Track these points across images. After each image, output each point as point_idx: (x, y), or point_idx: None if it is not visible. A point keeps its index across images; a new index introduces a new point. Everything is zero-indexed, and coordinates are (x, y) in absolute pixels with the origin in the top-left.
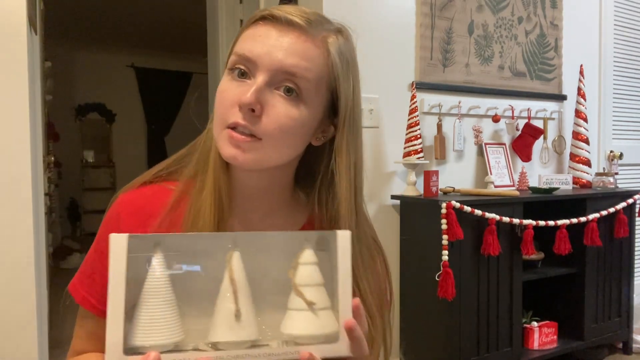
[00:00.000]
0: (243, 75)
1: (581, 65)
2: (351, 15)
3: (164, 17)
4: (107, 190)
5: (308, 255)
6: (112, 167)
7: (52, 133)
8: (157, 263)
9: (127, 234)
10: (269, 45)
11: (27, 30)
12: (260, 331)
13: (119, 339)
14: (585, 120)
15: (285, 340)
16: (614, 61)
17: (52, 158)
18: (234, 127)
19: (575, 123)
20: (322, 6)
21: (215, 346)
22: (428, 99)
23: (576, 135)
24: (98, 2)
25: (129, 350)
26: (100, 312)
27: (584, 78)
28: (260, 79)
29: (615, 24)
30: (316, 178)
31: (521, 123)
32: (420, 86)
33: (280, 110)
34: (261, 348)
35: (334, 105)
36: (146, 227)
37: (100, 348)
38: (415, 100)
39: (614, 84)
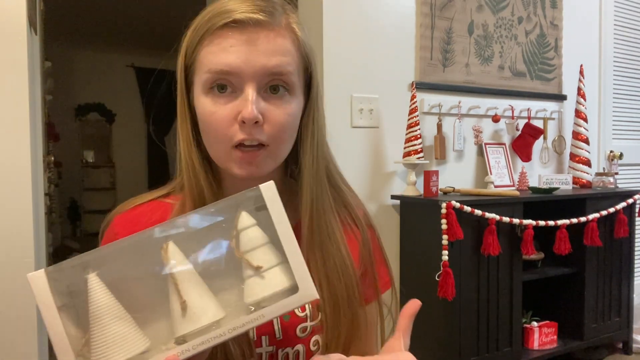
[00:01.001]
0: (223, 88)
1: (581, 65)
2: (351, 15)
3: (164, 17)
4: (107, 190)
5: (244, 219)
6: (112, 167)
7: (52, 133)
8: (93, 284)
9: (42, 270)
10: (245, 53)
11: (27, 30)
12: (226, 311)
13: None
14: (585, 120)
15: (251, 310)
16: (614, 61)
17: (52, 158)
18: (240, 144)
19: (575, 123)
20: (322, 6)
21: (183, 341)
22: (428, 99)
23: (576, 135)
24: (98, 2)
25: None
26: None
27: (584, 78)
28: (250, 90)
29: (615, 24)
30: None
31: (521, 123)
32: (420, 86)
33: (279, 112)
34: (224, 325)
35: (308, 84)
36: None
37: None
38: (415, 100)
39: (614, 84)
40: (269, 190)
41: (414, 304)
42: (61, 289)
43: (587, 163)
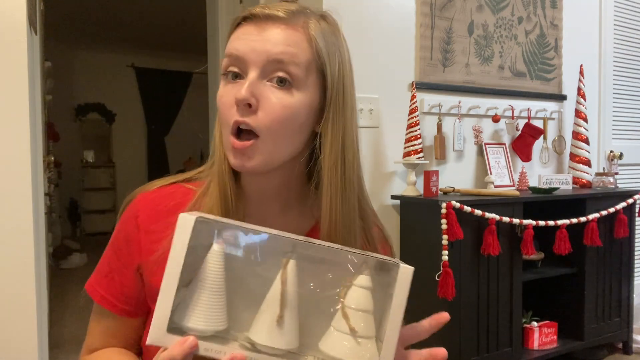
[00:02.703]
0: (237, 77)
1: (581, 65)
2: (351, 15)
3: (164, 17)
4: (107, 190)
5: (363, 279)
6: (112, 167)
7: (52, 133)
8: (216, 250)
9: (195, 216)
10: (253, 41)
11: (27, 30)
12: (300, 342)
13: (165, 316)
14: (585, 120)
15: (321, 358)
16: (614, 61)
17: (52, 158)
18: (236, 131)
19: (575, 123)
20: (322, 7)
21: (252, 344)
22: (428, 99)
23: (576, 135)
24: (98, 2)
25: (172, 328)
26: (120, 311)
27: (584, 78)
28: (252, 74)
29: (615, 24)
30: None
31: (521, 123)
32: (420, 86)
33: (275, 101)
34: (290, 358)
35: (325, 87)
36: (165, 226)
37: (117, 345)
38: (415, 100)
39: (614, 84)
40: (406, 274)
41: (444, 317)
42: (193, 238)
43: (587, 163)
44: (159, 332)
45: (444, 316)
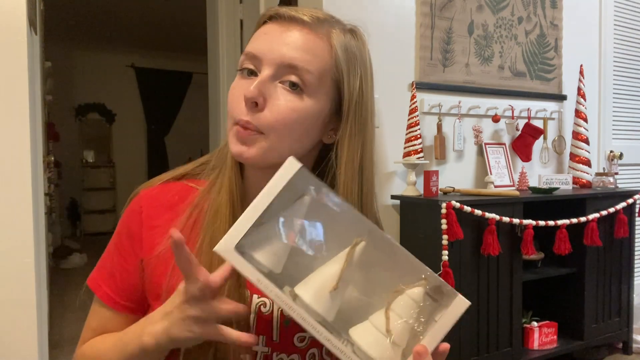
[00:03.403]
0: (251, 73)
1: (581, 65)
2: (351, 15)
3: (164, 17)
4: (107, 190)
5: (417, 292)
6: (112, 167)
7: (52, 133)
8: (305, 202)
9: (300, 165)
10: (272, 41)
11: (27, 30)
12: (335, 317)
13: (238, 235)
14: (585, 120)
15: (349, 341)
16: (614, 61)
17: (52, 158)
18: (240, 124)
19: (575, 123)
20: (322, 6)
21: (293, 296)
22: (428, 99)
23: (576, 135)
24: (98, 2)
25: (240, 249)
26: (121, 307)
27: (584, 78)
28: (264, 73)
29: (615, 24)
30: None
31: (521, 123)
32: (420, 86)
33: (283, 103)
34: (325, 331)
35: (341, 100)
36: (168, 220)
37: None
38: (415, 100)
39: (614, 84)
40: (459, 306)
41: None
42: (291, 182)
43: (587, 163)
44: (227, 245)
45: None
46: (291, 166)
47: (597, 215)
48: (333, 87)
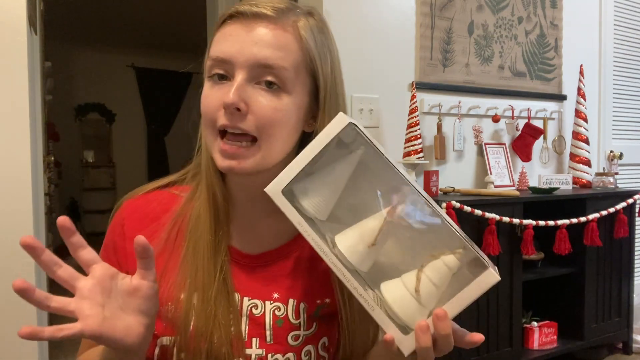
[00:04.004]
0: (222, 78)
1: (581, 65)
2: (351, 15)
3: (164, 17)
4: (107, 190)
5: (452, 259)
6: (112, 167)
7: (52, 133)
8: (355, 157)
9: (349, 120)
10: (240, 42)
11: (27, 30)
12: (369, 270)
13: (287, 179)
14: (585, 120)
15: (377, 295)
16: (614, 61)
17: (52, 158)
18: (223, 133)
19: (575, 123)
20: (322, 6)
21: (332, 244)
22: (428, 99)
23: (576, 135)
24: (98, 2)
25: (286, 191)
26: None
27: (584, 78)
28: (239, 77)
29: (615, 24)
30: None
31: (521, 123)
32: (420, 86)
33: (265, 105)
34: (354, 280)
35: (317, 88)
36: (152, 232)
37: None
38: (415, 100)
39: (614, 84)
40: (488, 278)
41: (477, 338)
42: (340, 135)
43: (587, 163)
44: (276, 188)
45: (479, 338)
46: (340, 121)
47: (597, 215)
48: (308, 77)
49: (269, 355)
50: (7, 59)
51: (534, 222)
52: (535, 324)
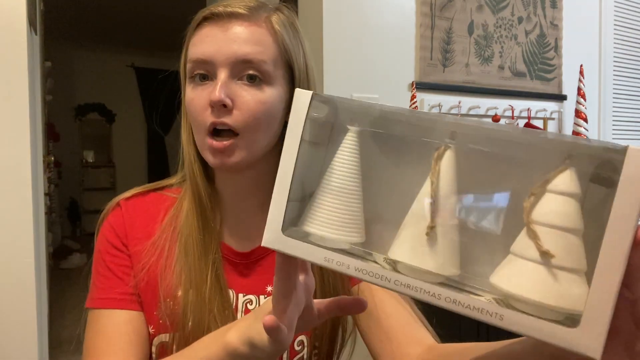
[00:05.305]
0: (204, 78)
1: (581, 65)
2: (351, 15)
3: (164, 17)
4: (107, 190)
5: (566, 180)
6: (112, 167)
7: (52, 133)
8: (350, 141)
9: (311, 92)
10: (218, 42)
11: (27, 30)
12: (463, 270)
13: (280, 213)
14: (585, 120)
15: (496, 296)
16: (614, 61)
17: (52, 158)
18: (212, 132)
19: (575, 123)
20: (322, 6)
21: (393, 264)
22: (428, 99)
23: (576, 135)
24: (98, 2)
25: (290, 231)
26: (128, 303)
27: (584, 78)
28: (222, 75)
29: (615, 24)
30: None
31: (521, 123)
32: (420, 86)
33: (249, 99)
34: (458, 292)
35: (294, 79)
36: (150, 230)
37: (137, 345)
38: (415, 100)
39: (614, 84)
40: (637, 158)
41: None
42: (318, 117)
43: None
44: (272, 235)
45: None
46: (301, 99)
47: None
48: (285, 69)
49: None
50: (7, 59)
51: None
52: None
